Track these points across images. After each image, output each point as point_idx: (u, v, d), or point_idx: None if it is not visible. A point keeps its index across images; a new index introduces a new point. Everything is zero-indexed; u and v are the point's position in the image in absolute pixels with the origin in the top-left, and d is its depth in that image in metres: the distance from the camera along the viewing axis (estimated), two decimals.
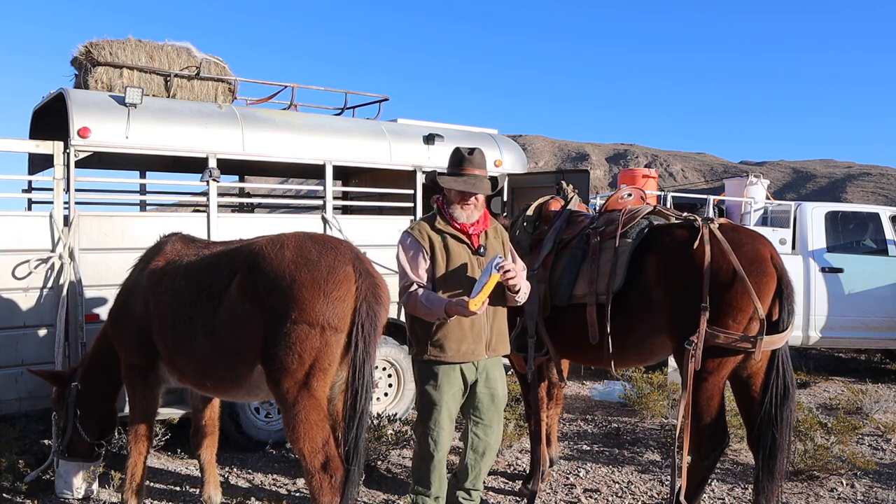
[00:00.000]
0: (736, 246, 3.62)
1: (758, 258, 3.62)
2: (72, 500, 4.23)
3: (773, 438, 3.63)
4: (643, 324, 3.87)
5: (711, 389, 3.63)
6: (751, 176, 9.84)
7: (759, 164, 55.13)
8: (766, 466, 3.66)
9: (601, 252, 4.01)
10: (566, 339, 4.18)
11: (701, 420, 3.64)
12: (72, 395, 4.13)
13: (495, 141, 6.69)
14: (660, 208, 4.19)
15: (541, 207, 4.51)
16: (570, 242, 4.20)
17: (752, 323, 3.55)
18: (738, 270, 3.52)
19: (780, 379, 3.66)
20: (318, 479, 3.12)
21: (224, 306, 3.35)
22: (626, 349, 3.97)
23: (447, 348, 3.42)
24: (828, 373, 8.52)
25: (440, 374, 3.46)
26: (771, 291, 3.59)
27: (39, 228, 4.66)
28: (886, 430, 6.12)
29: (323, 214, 5.67)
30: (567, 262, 4.13)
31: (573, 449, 5.60)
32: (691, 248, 3.66)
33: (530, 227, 4.43)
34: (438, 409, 3.45)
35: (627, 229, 3.98)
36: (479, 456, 3.61)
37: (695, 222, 3.80)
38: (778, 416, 3.63)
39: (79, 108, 4.76)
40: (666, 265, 3.78)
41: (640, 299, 3.84)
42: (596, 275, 3.96)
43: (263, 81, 6.12)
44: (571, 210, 4.43)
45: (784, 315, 3.61)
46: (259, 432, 5.33)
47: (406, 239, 3.51)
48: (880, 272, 8.05)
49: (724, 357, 3.60)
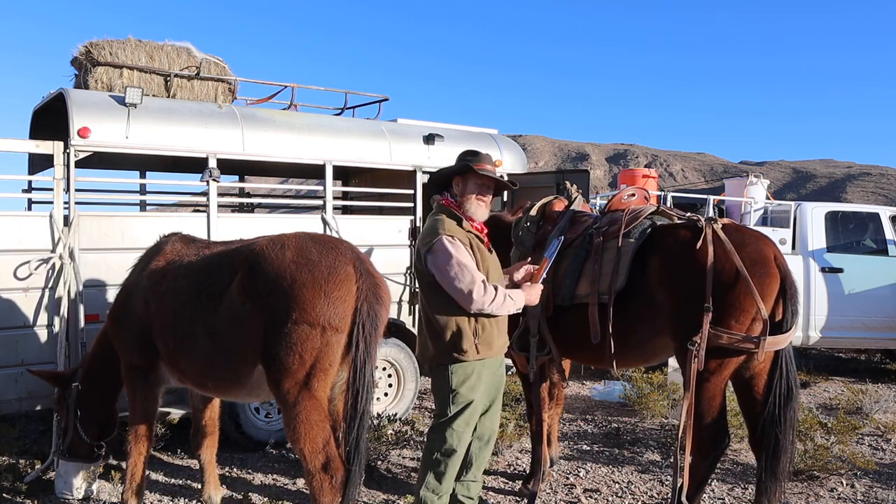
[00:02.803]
0: (739, 246, 3.61)
1: (761, 259, 3.61)
2: (72, 500, 4.23)
3: (777, 439, 3.63)
4: (645, 324, 3.87)
5: (713, 390, 3.64)
6: (751, 176, 9.84)
7: (759, 164, 55.16)
8: (769, 467, 3.66)
9: (604, 252, 4.01)
10: (568, 339, 4.18)
11: (702, 420, 3.64)
12: (72, 396, 4.13)
13: (495, 141, 6.69)
14: (663, 208, 4.19)
15: (544, 207, 4.51)
16: (574, 242, 4.20)
17: (755, 323, 3.55)
18: (741, 271, 3.52)
19: (783, 380, 3.66)
20: (318, 479, 3.12)
21: (225, 306, 3.35)
22: (629, 349, 3.97)
23: (493, 344, 3.46)
24: (828, 373, 8.52)
25: (482, 373, 3.46)
26: (774, 292, 3.59)
27: (39, 228, 4.66)
28: (886, 430, 6.12)
29: (322, 215, 5.67)
30: (570, 261, 4.13)
31: (573, 449, 5.60)
32: (694, 249, 3.65)
33: (534, 227, 4.43)
34: (472, 407, 3.46)
35: (630, 229, 3.97)
36: (483, 443, 3.65)
37: (698, 222, 3.80)
38: (781, 417, 3.63)
39: (79, 108, 4.76)
40: (669, 265, 3.78)
41: (643, 299, 3.84)
42: (598, 274, 3.96)
43: (263, 81, 6.13)
44: (575, 210, 4.44)
45: (788, 315, 3.61)
46: (259, 432, 5.32)
47: (449, 242, 3.35)
48: (880, 272, 8.05)
49: (726, 357, 3.60)
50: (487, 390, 3.53)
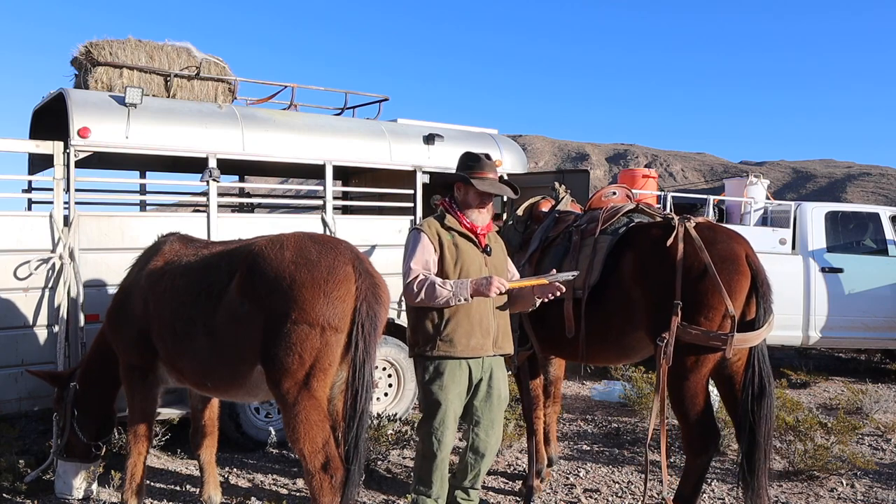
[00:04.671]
0: (709, 244, 3.64)
1: (731, 256, 3.63)
2: (71, 500, 4.23)
3: (752, 435, 3.64)
4: (621, 319, 3.91)
5: (694, 388, 3.65)
6: (751, 176, 9.82)
7: (759, 164, 55.11)
8: (747, 463, 3.67)
9: (581, 248, 4.10)
10: (548, 334, 4.25)
11: (687, 418, 3.67)
12: (70, 396, 4.13)
13: (495, 141, 6.69)
14: (643, 206, 4.25)
15: (531, 208, 4.61)
16: (556, 240, 4.31)
17: (724, 321, 3.57)
18: (709, 268, 3.54)
19: (755, 376, 3.67)
20: (318, 479, 3.12)
21: (224, 306, 3.34)
22: (605, 345, 4.04)
23: (457, 342, 3.43)
24: (828, 373, 8.52)
25: (447, 372, 3.46)
26: (744, 290, 3.61)
27: (39, 228, 4.66)
28: (886, 430, 6.12)
29: (322, 215, 5.67)
30: (551, 258, 4.23)
31: (573, 449, 5.60)
32: (664, 246, 3.69)
33: (521, 227, 4.56)
34: (443, 408, 3.46)
35: (607, 227, 4.05)
36: (479, 456, 3.61)
37: (672, 220, 3.83)
38: (755, 413, 3.63)
39: (79, 108, 4.76)
40: (641, 262, 3.83)
41: (618, 295, 3.89)
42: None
43: (263, 81, 6.12)
44: (559, 210, 4.54)
45: (760, 313, 3.62)
46: (259, 432, 5.32)
47: (414, 234, 3.53)
48: (880, 272, 8.04)
49: (700, 355, 3.61)
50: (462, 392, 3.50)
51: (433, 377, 3.48)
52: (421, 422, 3.59)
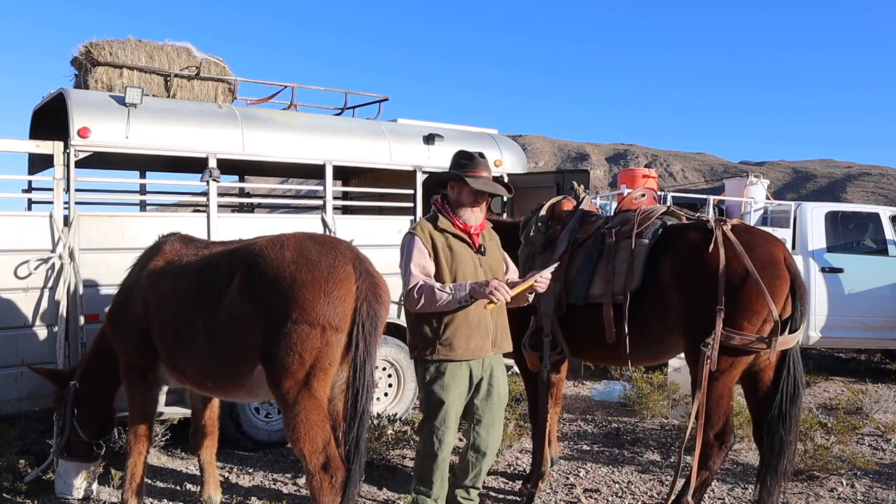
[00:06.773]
0: (749, 248, 3.67)
1: (771, 261, 3.67)
2: (71, 500, 4.23)
3: (781, 437, 3.68)
4: (659, 324, 3.91)
5: (722, 389, 3.68)
6: (751, 176, 9.82)
7: (759, 164, 55.13)
8: (772, 464, 3.71)
9: (617, 252, 4.05)
10: (581, 339, 4.20)
11: (710, 420, 3.69)
12: (70, 394, 4.13)
13: (495, 141, 6.69)
14: (673, 209, 4.24)
15: (553, 207, 4.52)
16: (585, 242, 4.23)
17: (766, 324, 3.61)
18: (752, 273, 3.57)
19: (791, 378, 3.71)
20: (318, 479, 3.12)
21: (224, 306, 3.34)
22: (642, 349, 4.03)
23: (457, 346, 3.43)
24: (828, 373, 8.52)
25: (447, 373, 3.46)
26: (784, 293, 3.65)
27: (39, 228, 4.66)
28: (886, 430, 6.12)
29: (322, 215, 5.67)
30: (582, 261, 4.16)
31: (573, 449, 5.60)
32: (706, 252, 3.70)
33: (543, 227, 4.44)
34: (445, 408, 3.46)
35: (643, 229, 4.02)
36: (480, 455, 3.61)
37: (707, 224, 3.84)
38: (787, 415, 3.68)
39: (79, 108, 4.76)
40: (681, 268, 3.83)
41: (656, 300, 3.88)
42: (612, 274, 4.00)
43: (263, 81, 6.12)
44: (584, 210, 4.46)
45: (797, 315, 3.67)
46: (259, 432, 5.32)
47: (409, 239, 3.52)
48: (880, 272, 8.04)
49: (736, 357, 3.65)
50: (463, 392, 3.51)
51: (434, 378, 3.48)
52: (422, 421, 3.59)
